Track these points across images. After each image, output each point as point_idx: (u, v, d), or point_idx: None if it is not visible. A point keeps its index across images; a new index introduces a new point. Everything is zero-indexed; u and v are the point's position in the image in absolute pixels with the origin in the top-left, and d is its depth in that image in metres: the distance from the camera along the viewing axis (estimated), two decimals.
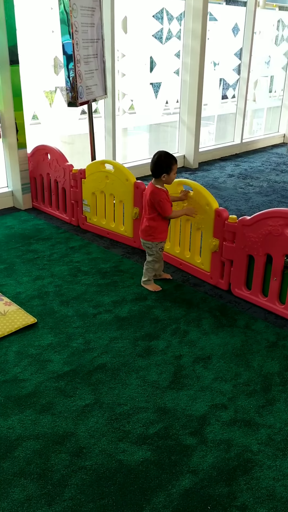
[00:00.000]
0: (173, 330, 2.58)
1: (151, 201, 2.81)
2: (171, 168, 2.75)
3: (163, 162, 2.75)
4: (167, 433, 1.88)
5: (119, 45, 5.10)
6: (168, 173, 2.76)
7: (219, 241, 2.92)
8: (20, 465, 1.74)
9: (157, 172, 2.77)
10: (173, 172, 2.77)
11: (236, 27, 6.44)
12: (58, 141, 5.60)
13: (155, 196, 2.78)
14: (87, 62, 3.91)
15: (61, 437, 1.86)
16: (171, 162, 2.75)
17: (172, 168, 2.76)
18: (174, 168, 2.77)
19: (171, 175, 2.78)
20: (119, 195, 3.55)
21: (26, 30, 4.32)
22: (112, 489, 1.65)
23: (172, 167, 2.76)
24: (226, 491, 1.64)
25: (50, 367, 2.27)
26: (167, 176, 2.77)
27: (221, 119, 7.22)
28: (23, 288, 2.99)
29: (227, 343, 2.47)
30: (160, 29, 5.48)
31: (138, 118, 5.79)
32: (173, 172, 2.78)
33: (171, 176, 2.78)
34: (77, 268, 3.27)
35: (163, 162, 2.75)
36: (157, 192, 2.78)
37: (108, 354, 2.37)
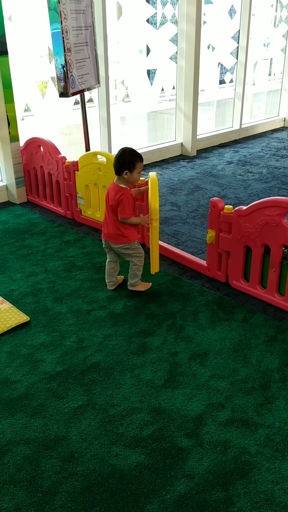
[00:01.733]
0: (169, 326, 2.50)
1: (115, 201, 2.61)
2: (135, 166, 2.57)
3: (126, 158, 2.56)
4: (162, 435, 1.82)
5: (112, 32, 4.96)
6: (130, 171, 2.57)
7: (215, 232, 2.83)
8: (10, 472, 1.68)
9: (119, 169, 2.59)
10: (136, 171, 2.58)
11: (233, 9, 6.26)
12: (55, 132, 5.50)
13: (116, 195, 2.60)
14: (78, 51, 3.79)
15: (52, 442, 1.80)
16: (135, 159, 2.56)
17: (135, 166, 2.57)
18: (138, 166, 2.58)
19: (134, 174, 2.58)
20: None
21: (17, 19, 4.20)
22: (104, 496, 1.59)
23: (135, 164, 2.57)
24: (222, 496, 1.58)
25: (42, 367, 2.21)
26: (129, 174, 2.58)
27: (221, 104, 7.08)
28: (16, 285, 2.92)
29: (225, 338, 2.40)
30: (154, 14, 5.32)
31: (134, 106, 5.67)
32: (137, 171, 2.59)
33: (134, 175, 2.59)
34: (71, 263, 3.20)
35: (126, 158, 2.56)
36: (119, 190, 2.60)
37: (101, 352, 2.30)
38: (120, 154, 2.59)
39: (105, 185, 3.50)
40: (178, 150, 5.99)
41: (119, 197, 2.59)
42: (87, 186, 3.65)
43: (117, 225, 2.67)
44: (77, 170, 3.66)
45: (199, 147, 6.18)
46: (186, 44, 5.47)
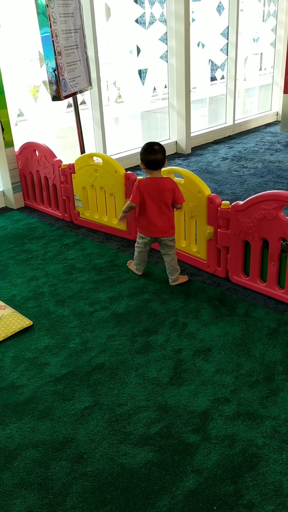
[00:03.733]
0: (172, 323, 2.52)
1: (171, 189, 2.72)
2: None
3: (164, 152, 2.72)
4: (169, 431, 1.84)
5: (102, 34, 4.97)
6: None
7: (213, 228, 2.85)
8: (20, 476, 1.70)
9: (163, 163, 2.73)
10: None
11: (221, 6, 6.27)
12: (50, 136, 5.50)
13: (172, 181, 2.75)
14: (68, 54, 3.80)
15: (60, 444, 1.82)
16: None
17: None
18: None
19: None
20: (110, 188, 3.47)
21: (7, 24, 4.21)
22: (115, 494, 1.61)
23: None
24: (231, 489, 1.59)
25: (47, 370, 2.22)
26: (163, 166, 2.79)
27: (213, 101, 7.09)
28: (18, 290, 2.94)
29: (227, 333, 2.41)
30: (142, 14, 5.34)
31: (127, 107, 5.68)
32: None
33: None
34: (71, 266, 3.21)
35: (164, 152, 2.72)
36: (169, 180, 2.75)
37: (106, 353, 2.32)
38: (163, 148, 2.70)
39: (103, 186, 3.51)
40: (173, 148, 6.00)
41: (173, 186, 2.72)
42: (84, 188, 3.66)
43: (170, 217, 2.79)
44: (73, 173, 3.67)
45: (194, 145, 6.20)
46: (176, 42, 5.48)
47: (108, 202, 3.58)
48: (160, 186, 2.70)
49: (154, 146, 2.70)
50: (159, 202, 2.73)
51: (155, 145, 2.71)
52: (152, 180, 2.72)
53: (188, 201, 2.96)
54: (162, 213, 2.75)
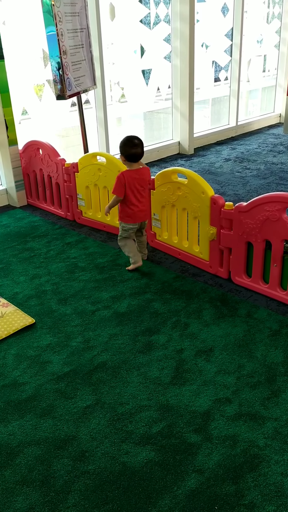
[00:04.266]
0: (174, 323, 2.52)
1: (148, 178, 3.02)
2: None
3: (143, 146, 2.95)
4: (171, 431, 1.84)
5: (107, 33, 4.97)
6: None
7: (216, 229, 2.85)
8: (22, 473, 1.70)
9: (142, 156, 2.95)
10: None
11: (225, 7, 6.27)
12: (52, 135, 5.51)
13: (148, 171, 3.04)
14: (73, 53, 3.81)
15: (62, 441, 1.82)
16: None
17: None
18: None
19: None
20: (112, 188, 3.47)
21: (12, 23, 4.21)
22: (116, 493, 1.61)
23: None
24: (233, 489, 1.60)
25: (49, 368, 2.23)
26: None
27: (216, 102, 7.09)
28: (20, 288, 2.94)
29: (229, 333, 2.41)
30: (147, 14, 5.34)
31: (130, 107, 5.68)
32: None
33: None
34: (74, 265, 3.21)
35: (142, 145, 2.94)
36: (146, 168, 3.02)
37: (108, 352, 2.32)
38: (141, 142, 2.92)
39: (106, 186, 3.51)
40: (176, 149, 6.00)
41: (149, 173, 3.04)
42: (87, 187, 3.67)
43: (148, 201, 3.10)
44: (77, 172, 3.68)
45: (196, 145, 6.20)
46: (181, 43, 5.48)
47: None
48: (142, 176, 2.96)
49: (134, 140, 2.89)
50: (141, 190, 2.97)
51: (135, 139, 2.91)
52: (134, 171, 2.93)
53: (192, 201, 2.97)
54: (144, 200, 3.03)
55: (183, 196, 3.03)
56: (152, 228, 3.39)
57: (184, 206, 3.06)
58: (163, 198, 3.18)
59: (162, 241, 3.35)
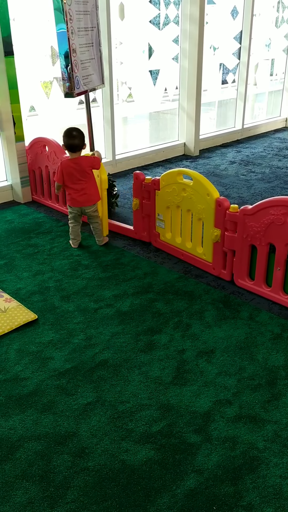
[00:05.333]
0: (176, 324, 2.53)
1: (88, 166, 3.18)
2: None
3: (82, 137, 3.17)
4: (171, 431, 1.85)
5: (116, 33, 4.98)
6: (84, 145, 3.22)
7: (220, 231, 2.86)
8: (22, 467, 1.71)
9: (80, 146, 3.16)
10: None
11: (235, 10, 6.28)
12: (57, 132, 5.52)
13: (89, 159, 3.20)
14: (83, 52, 3.81)
15: (63, 437, 1.83)
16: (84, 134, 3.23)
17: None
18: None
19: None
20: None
21: (21, 19, 4.22)
22: (115, 490, 1.62)
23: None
24: (231, 490, 1.61)
25: (51, 364, 2.24)
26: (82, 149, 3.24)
27: (222, 105, 7.10)
28: (24, 284, 2.95)
29: (231, 335, 2.42)
30: (157, 15, 5.35)
31: (137, 106, 5.69)
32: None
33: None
34: (77, 262, 3.22)
35: (82, 136, 3.17)
36: (85, 157, 3.21)
37: (109, 350, 2.33)
38: (81, 133, 3.16)
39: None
40: (181, 150, 6.01)
41: (90, 158, 3.22)
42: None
43: (93, 187, 3.25)
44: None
45: (202, 147, 6.21)
46: (189, 44, 5.49)
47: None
48: (79, 165, 3.16)
49: (72, 132, 3.13)
50: (79, 178, 3.19)
51: (73, 131, 3.14)
52: (72, 160, 3.18)
53: (196, 203, 2.97)
54: (84, 187, 3.22)
55: (188, 197, 3.04)
56: (156, 228, 3.40)
57: (188, 207, 3.06)
58: (168, 199, 3.19)
59: (165, 242, 3.36)
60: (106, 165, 5.12)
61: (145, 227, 3.48)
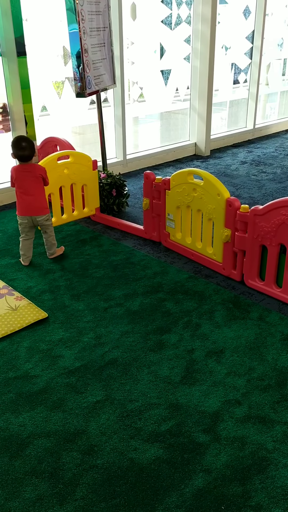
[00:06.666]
0: (185, 323, 2.53)
1: (40, 175, 3.10)
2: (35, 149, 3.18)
3: (32, 146, 3.07)
4: (180, 430, 1.85)
5: (128, 33, 5.00)
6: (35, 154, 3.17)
7: (231, 231, 2.86)
8: (32, 464, 1.73)
9: (31, 156, 3.08)
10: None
11: (247, 10, 6.26)
12: (68, 132, 5.55)
13: (42, 168, 3.12)
14: (94, 52, 3.83)
15: (72, 435, 1.84)
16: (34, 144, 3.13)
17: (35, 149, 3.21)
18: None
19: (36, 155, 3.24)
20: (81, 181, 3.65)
21: (33, 20, 4.25)
22: (124, 488, 1.63)
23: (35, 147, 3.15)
24: (240, 490, 1.61)
25: (61, 362, 2.25)
26: (35, 158, 3.22)
27: (233, 105, 7.08)
28: (34, 282, 2.97)
29: (240, 336, 2.42)
30: (169, 15, 5.35)
31: (148, 106, 5.70)
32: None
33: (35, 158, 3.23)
34: (88, 261, 3.24)
35: (32, 146, 3.07)
36: (39, 165, 3.16)
37: (119, 349, 2.34)
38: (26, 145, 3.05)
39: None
40: (192, 150, 6.00)
41: (43, 169, 3.14)
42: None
43: (42, 197, 3.14)
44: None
45: (213, 147, 6.20)
46: (201, 44, 5.48)
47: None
48: (30, 171, 3.09)
49: (21, 143, 3.05)
50: (32, 185, 3.10)
51: (22, 141, 3.05)
52: (22, 166, 3.10)
53: (207, 203, 2.97)
54: (33, 195, 3.11)
55: (198, 197, 3.04)
56: (166, 228, 3.40)
57: (199, 207, 3.06)
58: (178, 199, 3.19)
59: (175, 242, 3.36)
60: (117, 164, 5.14)
61: (155, 227, 3.48)
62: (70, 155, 3.62)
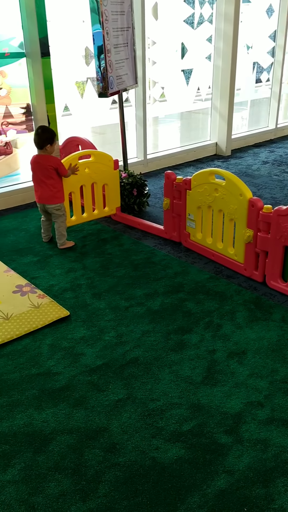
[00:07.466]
0: (206, 324, 2.52)
1: (50, 166, 3.23)
2: (53, 140, 3.25)
3: (47, 134, 3.22)
4: (201, 430, 1.85)
5: (150, 32, 5.00)
6: (51, 144, 3.25)
7: (253, 231, 2.84)
8: (55, 460, 1.74)
9: (42, 144, 3.22)
10: (55, 143, 3.29)
11: (271, 8, 6.20)
12: (89, 132, 5.58)
13: (53, 160, 3.25)
14: (117, 52, 3.85)
15: (94, 432, 1.86)
16: (53, 134, 3.26)
17: (54, 140, 3.26)
18: (55, 139, 3.29)
19: (53, 146, 3.27)
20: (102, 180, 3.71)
21: (57, 20, 4.29)
22: (146, 487, 1.63)
23: (53, 138, 3.26)
24: (263, 492, 1.60)
25: (83, 360, 2.27)
26: (50, 147, 3.26)
27: (255, 104, 7.02)
28: (56, 281, 3.00)
29: (263, 337, 2.40)
30: (191, 14, 5.34)
31: (169, 106, 5.70)
32: (55, 143, 3.29)
33: (54, 146, 3.28)
34: (109, 260, 3.26)
35: (46, 134, 3.21)
36: (52, 157, 3.26)
37: (140, 348, 2.35)
38: (40, 132, 3.23)
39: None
40: (213, 150, 5.98)
41: (57, 161, 3.27)
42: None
43: (51, 189, 3.28)
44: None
45: (234, 147, 6.16)
46: (224, 43, 5.45)
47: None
48: (41, 162, 3.25)
49: (37, 130, 3.26)
50: (42, 175, 3.27)
51: (39, 129, 3.26)
52: (37, 156, 3.29)
53: (229, 203, 2.96)
54: (43, 184, 3.29)
55: (220, 197, 3.03)
56: (186, 228, 3.39)
57: (220, 207, 3.05)
58: (199, 199, 3.18)
59: (195, 242, 3.35)
60: (137, 164, 5.15)
61: (175, 227, 3.48)
62: (91, 154, 3.64)
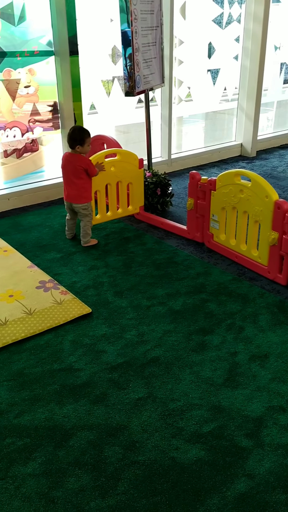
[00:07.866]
0: (228, 326, 2.51)
1: (80, 166, 3.26)
2: (84, 141, 3.26)
3: (76, 136, 3.25)
4: (222, 433, 1.84)
5: (178, 32, 4.99)
6: (81, 145, 3.26)
7: (278, 234, 2.80)
8: (75, 455, 1.76)
9: (71, 144, 3.26)
10: (86, 144, 3.29)
11: None
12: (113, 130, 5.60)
13: (84, 160, 3.28)
14: (145, 51, 3.85)
15: (114, 429, 1.86)
16: (84, 136, 3.26)
17: (85, 141, 3.27)
18: (87, 140, 3.28)
19: (84, 147, 3.29)
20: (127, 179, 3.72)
21: (85, 19, 4.32)
22: (165, 486, 1.63)
23: (85, 139, 3.26)
24: (284, 498, 1.58)
25: (104, 358, 2.28)
26: (81, 148, 3.27)
27: (281, 105, 6.93)
28: (79, 278, 3.02)
29: (286, 341, 2.37)
30: (220, 14, 5.30)
31: (195, 106, 5.67)
32: (87, 144, 3.30)
33: (85, 147, 3.29)
34: (131, 259, 3.26)
35: (76, 135, 3.25)
36: (82, 157, 3.30)
37: (161, 347, 2.35)
38: (71, 132, 3.28)
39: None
40: (237, 151, 5.93)
41: (87, 162, 3.30)
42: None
43: (79, 188, 3.33)
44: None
45: (259, 148, 6.10)
46: (252, 43, 5.40)
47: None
48: (71, 161, 3.29)
49: (70, 129, 3.30)
50: (71, 174, 3.31)
51: (72, 129, 3.31)
52: (69, 155, 3.34)
53: (254, 205, 2.93)
54: (72, 183, 3.34)
55: (245, 198, 3.00)
56: (209, 229, 3.38)
57: (245, 209, 3.02)
58: (224, 200, 3.16)
59: (219, 243, 3.33)
60: (161, 164, 5.14)
61: (198, 228, 3.47)
62: (117, 153, 3.65)
